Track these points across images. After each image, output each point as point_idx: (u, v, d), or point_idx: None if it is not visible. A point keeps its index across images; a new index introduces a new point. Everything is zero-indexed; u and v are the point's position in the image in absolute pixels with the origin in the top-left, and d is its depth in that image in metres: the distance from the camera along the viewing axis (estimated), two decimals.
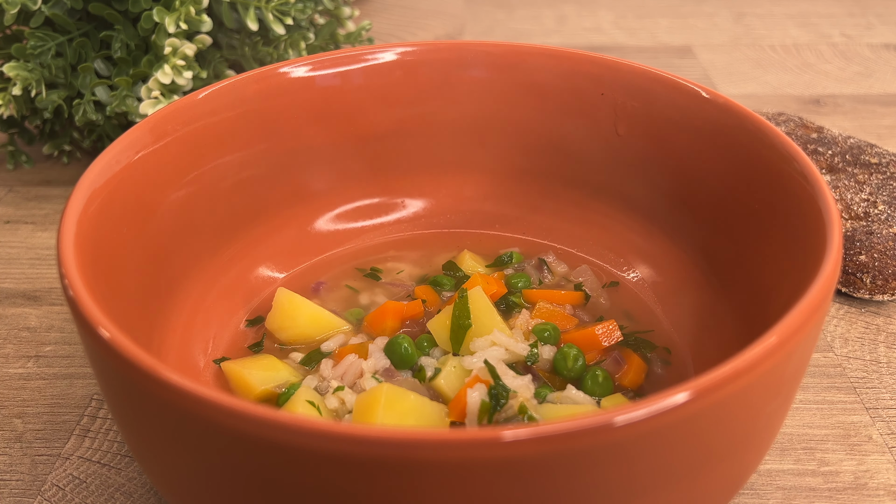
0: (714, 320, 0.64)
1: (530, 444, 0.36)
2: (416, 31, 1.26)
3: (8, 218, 0.89)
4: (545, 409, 0.56)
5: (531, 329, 0.63)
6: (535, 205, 0.76)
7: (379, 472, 0.37)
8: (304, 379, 0.60)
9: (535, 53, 0.72)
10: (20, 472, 0.61)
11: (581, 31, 1.36)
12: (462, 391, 0.55)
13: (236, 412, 0.37)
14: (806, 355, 0.46)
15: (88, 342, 0.44)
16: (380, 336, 0.63)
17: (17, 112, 0.88)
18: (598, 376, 0.59)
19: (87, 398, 0.67)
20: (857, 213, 0.80)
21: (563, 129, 0.73)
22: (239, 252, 0.70)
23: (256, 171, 0.70)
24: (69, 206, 0.52)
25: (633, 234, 0.72)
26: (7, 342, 0.72)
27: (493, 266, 0.72)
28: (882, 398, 0.66)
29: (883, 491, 0.59)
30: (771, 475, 0.60)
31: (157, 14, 0.81)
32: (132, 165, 0.59)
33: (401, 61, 0.73)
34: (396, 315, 0.65)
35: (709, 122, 0.64)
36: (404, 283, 0.71)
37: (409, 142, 0.76)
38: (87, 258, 0.50)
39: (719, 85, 1.18)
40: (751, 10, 1.44)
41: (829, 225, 0.49)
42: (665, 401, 0.38)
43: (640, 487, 0.41)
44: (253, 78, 0.68)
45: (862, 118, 1.08)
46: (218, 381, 0.62)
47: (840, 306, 0.76)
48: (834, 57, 1.26)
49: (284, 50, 0.93)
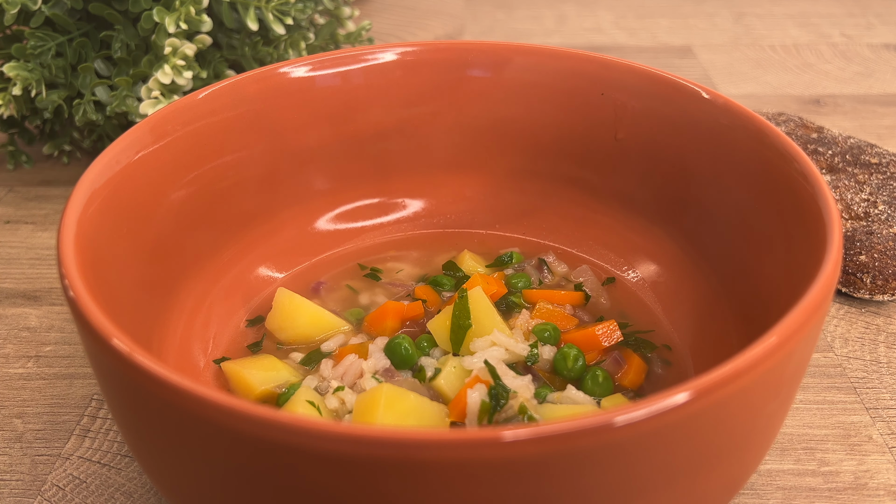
0: (714, 320, 0.64)
1: (530, 444, 0.36)
2: (415, 31, 1.26)
3: (8, 218, 0.89)
4: (545, 409, 0.56)
5: (531, 329, 0.63)
6: (536, 205, 0.76)
7: (379, 472, 0.37)
8: (304, 379, 0.60)
9: (536, 53, 0.72)
10: (20, 473, 0.61)
11: (581, 32, 1.36)
12: (462, 391, 0.55)
13: (236, 412, 0.37)
14: (806, 355, 0.46)
15: (88, 342, 0.44)
16: (380, 336, 0.63)
17: (18, 112, 0.88)
18: (598, 376, 0.59)
19: (87, 398, 0.67)
20: (857, 213, 0.80)
21: (563, 129, 0.73)
22: (239, 252, 0.70)
23: (256, 171, 0.70)
24: (69, 206, 0.52)
25: (632, 234, 0.72)
26: (7, 342, 0.72)
27: (493, 266, 0.72)
28: (882, 398, 0.66)
29: (883, 491, 0.59)
30: (771, 475, 0.60)
31: (158, 14, 0.81)
32: (132, 165, 0.59)
33: (401, 61, 0.73)
34: (397, 315, 0.65)
35: (709, 122, 0.64)
36: (404, 283, 0.71)
37: (409, 142, 0.76)
38: (87, 258, 0.50)
39: (719, 85, 1.18)
40: (751, 10, 1.44)
41: (830, 225, 0.49)
42: (665, 401, 0.37)
43: (640, 487, 0.41)
44: (253, 78, 0.68)
45: (862, 118, 1.08)
46: (218, 381, 0.62)
47: (840, 306, 0.76)
48: (834, 57, 1.26)
49: (284, 50, 0.93)
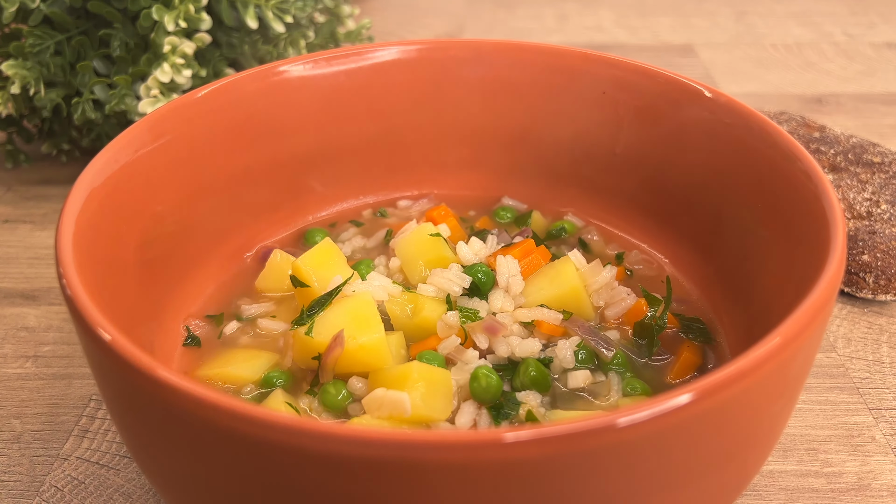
0: (717, 320, 0.63)
1: (532, 445, 0.36)
2: (416, 30, 1.26)
3: (6, 217, 0.89)
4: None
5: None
6: (535, 204, 0.76)
7: (381, 474, 0.37)
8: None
9: (536, 52, 0.72)
10: (18, 473, 0.60)
11: (582, 30, 1.36)
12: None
13: (236, 413, 0.37)
14: (810, 356, 0.46)
15: (87, 342, 0.44)
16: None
17: (16, 111, 0.88)
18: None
19: (85, 398, 0.66)
20: (859, 213, 0.80)
21: (564, 128, 0.73)
22: (238, 250, 0.70)
23: (256, 169, 0.70)
24: (67, 205, 0.52)
25: (634, 233, 0.72)
26: (5, 342, 0.72)
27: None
28: (885, 399, 0.66)
29: (886, 492, 0.58)
30: (774, 476, 0.60)
31: (157, 12, 0.81)
32: (131, 164, 0.59)
33: (401, 60, 0.72)
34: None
35: (711, 121, 0.64)
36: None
37: (408, 140, 0.75)
38: (85, 257, 0.50)
39: (721, 84, 1.18)
40: (752, 8, 1.44)
41: (833, 225, 0.49)
42: (668, 402, 0.37)
43: (643, 489, 0.40)
44: (252, 76, 0.68)
45: (864, 117, 1.08)
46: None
47: (843, 306, 0.75)
48: (836, 56, 1.26)
49: (284, 48, 0.92)
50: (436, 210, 0.73)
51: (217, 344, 0.63)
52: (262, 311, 0.65)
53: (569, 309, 0.61)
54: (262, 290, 0.67)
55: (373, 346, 0.56)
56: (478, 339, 0.59)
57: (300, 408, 0.56)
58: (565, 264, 0.63)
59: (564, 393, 0.58)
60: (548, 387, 0.57)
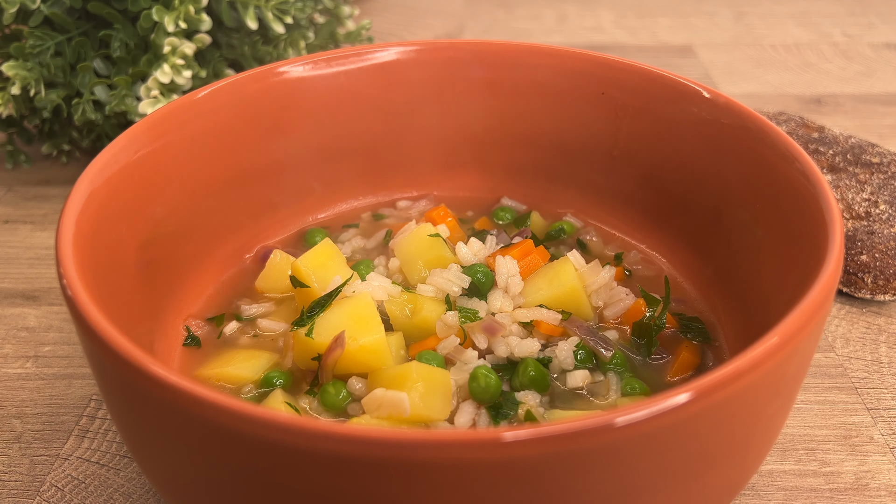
0: (715, 320, 0.63)
1: (531, 444, 0.36)
2: (415, 31, 1.26)
3: (7, 218, 0.89)
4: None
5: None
6: (535, 205, 0.76)
7: (379, 473, 0.37)
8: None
9: (536, 52, 0.72)
10: (19, 473, 0.60)
11: (581, 31, 1.36)
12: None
13: (235, 412, 0.37)
14: (807, 356, 0.46)
15: (87, 342, 0.44)
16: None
17: (16, 111, 0.88)
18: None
19: (85, 398, 0.66)
20: (858, 213, 0.80)
21: (563, 129, 0.73)
22: (238, 251, 0.70)
23: (256, 170, 0.70)
24: (68, 205, 0.52)
25: (633, 233, 0.72)
26: (6, 342, 0.72)
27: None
28: (883, 398, 0.66)
29: (884, 492, 0.59)
30: (772, 476, 0.60)
31: (157, 13, 0.81)
32: (131, 165, 0.59)
33: (400, 60, 0.73)
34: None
35: (710, 121, 0.64)
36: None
37: (408, 141, 0.76)
38: (85, 258, 0.50)
39: (720, 84, 1.18)
40: (751, 9, 1.44)
41: (831, 225, 0.49)
42: (667, 401, 0.37)
43: (640, 489, 0.41)
44: (252, 77, 0.68)
45: (863, 118, 1.08)
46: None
47: (841, 306, 0.76)
48: (835, 56, 1.26)
49: (284, 49, 0.92)
50: (435, 210, 0.73)
51: (217, 344, 0.63)
52: (261, 312, 0.65)
53: (568, 309, 0.61)
54: (262, 290, 0.67)
55: (373, 347, 0.56)
56: (477, 340, 0.59)
57: (300, 408, 0.57)
58: (564, 265, 0.63)
59: (563, 392, 0.58)
60: (547, 386, 0.57)
